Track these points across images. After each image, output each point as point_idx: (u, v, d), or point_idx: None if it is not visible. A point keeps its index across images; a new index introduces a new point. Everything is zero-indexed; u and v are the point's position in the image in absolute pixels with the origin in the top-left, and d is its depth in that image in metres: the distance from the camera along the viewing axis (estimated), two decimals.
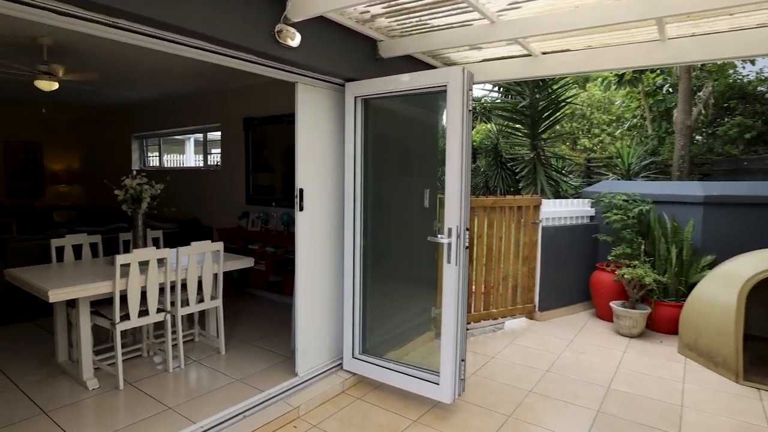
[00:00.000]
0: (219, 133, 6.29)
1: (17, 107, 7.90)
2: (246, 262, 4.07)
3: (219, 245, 3.74)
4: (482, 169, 8.57)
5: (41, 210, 8.97)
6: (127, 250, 4.22)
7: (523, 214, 4.64)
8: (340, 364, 3.60)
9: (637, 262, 4.31)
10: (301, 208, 3.29)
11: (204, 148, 6.76)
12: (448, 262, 2.84)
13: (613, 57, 3.18)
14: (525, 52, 3.55)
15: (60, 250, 3.84)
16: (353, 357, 3.50)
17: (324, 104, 3.43)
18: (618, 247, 4.52)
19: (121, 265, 3.12)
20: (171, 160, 8.09)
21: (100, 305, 3.36)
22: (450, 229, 2.83)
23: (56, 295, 2.86)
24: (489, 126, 10.51)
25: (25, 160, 8.80)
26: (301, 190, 3.28)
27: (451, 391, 2.94)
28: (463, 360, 2.97)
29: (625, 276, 4.23)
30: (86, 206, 8.68)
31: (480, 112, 11.98)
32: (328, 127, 3.48)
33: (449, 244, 2.84)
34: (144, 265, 3.28)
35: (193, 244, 3.56)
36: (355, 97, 3.41)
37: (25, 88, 5.55)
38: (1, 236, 4.74)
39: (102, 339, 3.80)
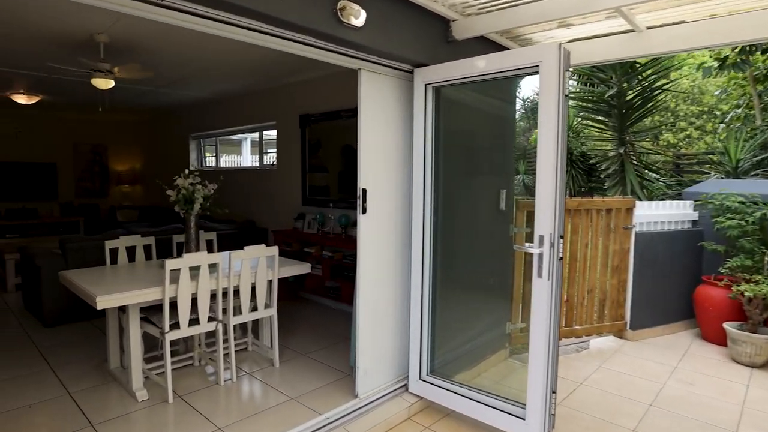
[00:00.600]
0: (275, 131, 6.14)
1: (85, 111, 8.19)
2: (302, 268, 3.82)
3: (274, 250, 3.50)
4: None
5: (106, 209, 9.29)
6: (180, 253, 4.09)
7: (612, 218, 4.09)
8: (405, 386, 3.24)
9: (760, 276, 3.65)
10: (364, 211, 2.97)
11: (260, 147, 6.65)
12: (539, 275, 2.42)
13: (749, 26, 2.61)
14: (626, 27, 3.05)
15: (114, 252, 3.75)
16: (420, 379, 3.14)
17: (390, 94, 3.10)
18: (734, 258, 3.87)
19: (171, 271, 2.93)
20: (228, 161, 8.09)
21: (151, 311, 3.21)
22: (541, 237, 2.40)
23: (104, 302, 2.70)
24: None
25: (92, 161, 9.15)
26: (364, 191, 2.96)
27: (540, 429, 2.51)
28: (554, 392, 2.53)
29: (746, 293, 3.59)
30: (147, 206, 8.88)
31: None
32: (394, 120, 3.14)
33: (540, 255, 2.41)
34: (195, 270, 3.08)
35: (247, 248, 3.34)
36: (426, 85, 3.05)
37: (87, 90, 5.66)
38: (62, 236, 4.78)
39: (154, 345, 3.67)
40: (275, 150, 6.16)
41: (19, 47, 4.19)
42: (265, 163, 6.61)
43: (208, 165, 7.91)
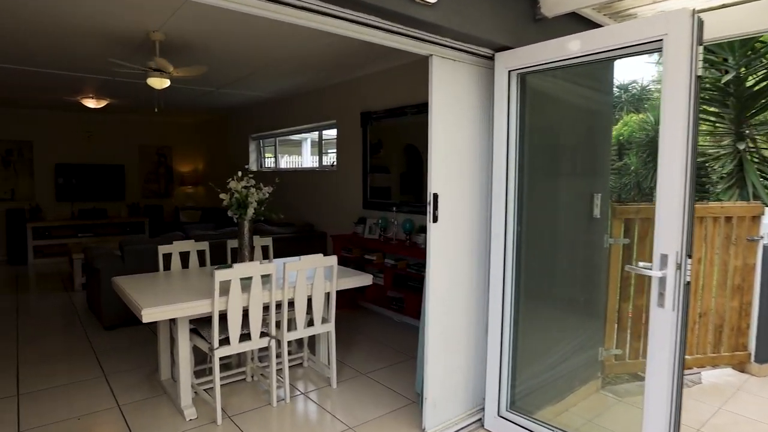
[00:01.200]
0: (335, 131, 5.91)
1: (150, 114, 8.42)
2: (363, 280, 3.51)
3: (332, 260, 3.21)
4: (632, 167, 7.23)
5: (170, 210, 9.52)
6: (234, 259, 3.91)
7: (733, 228, 3.45)
8: (480, 420, 2.84)
9: None
10: (435, 219, 2.59)
11: (319, 147, 6.45)
12: (660, 305, 1.93)
13: None
14: None
15: (168, 257, 3.62)
16: (498, 415, 2.72)
17: (466, 84, 2.71)
18: None
19: (221, 282, 2.70)
20: (288, 162, 8.00)
21: (201, 323, 3.01)
22: (664, 257, 1.92)
23: (150, 314, 2.51)
24: (642, 116, 8.96)
25: (157, 163, 9.40)
26: (435, 196, 2.59)
27: None
28: None
29: None
30: (209, 207, 9.00)
31: (627, 101, 10.36)
32: (470, 115, 2.75)
33: (662, 279, 1.93)
34: (247, 280, 2.85)
35: (303, 258, 3.06)
36: (509, 72, 2.64)
37: (149, 93, 5.72)
38: (122, 239, 4.77)
39: (206, 357, 3.50)
40: (335, 150, 5.93)
41: (78, 49, 4.19)
42: (324, 163, 6.41)
43: (267, 166, 7.85)
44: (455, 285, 2.75)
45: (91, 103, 6.68)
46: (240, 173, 3.27)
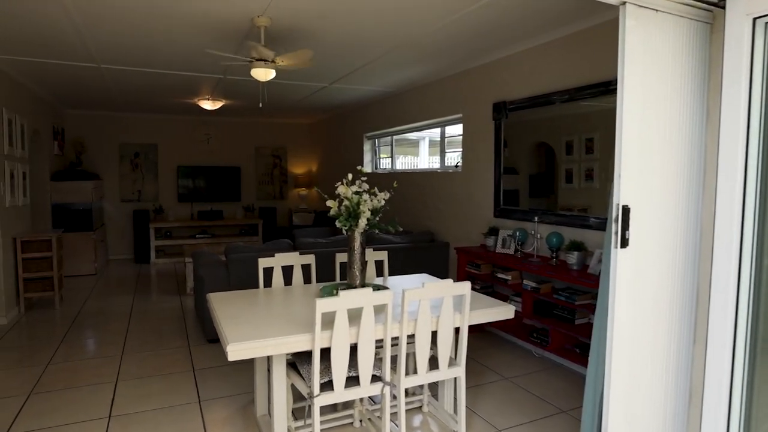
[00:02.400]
0: (459, 126, 5.22)
1: (266, 115, 8.45)
2: (503, 312, 2.76)
3: (464, 287, 2.52)
4: None
5: (284, 212, 9.54)
6: (344, 276, 3.41)
7: None
8: None
9: None
10: (625, 243, 1.79)
11: (441, 144, 5.80)
12: None
13: None
14: None
15: (269, 272, 3.21)
16: None
17: (673, 44, 1.88)
18: None
19: (324, 313, 2.15)
20: (404, 163, 7.48)
21: (301, 358, 2.51)
22: None
23: (236, 352, 2.04)
24: None
25: (272, 165, 9.48)
26: (626, 210, 1.79)
27: None
28: None
29: None
30: (322, 210, 8.81)
31: None
32: (680, 90, 1.90)
33: None
34: (356, 310, 2.27)
35: (428, 284, 2.42)
36: (754, 20, 1.76)
37: (258, 92, 5.54)
38: (228, 245, 4.55)
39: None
40: (460, 149, 5.24)
41: (184, 43, 4.01)
42: (446, 164, 5.74)
43: (382, 167, 7.40)
44: (650, 332, 1.92)
45: (207, 105, 6.75)
46: (350, 176, 2.73)
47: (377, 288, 2.57)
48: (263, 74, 3.60)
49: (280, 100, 7.01)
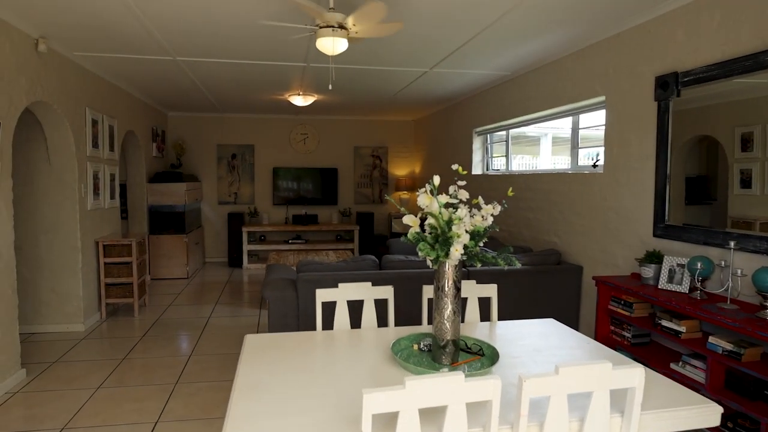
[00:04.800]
0: (601, 113, 3.93)
1: (366, 113, 7.71)
2: (702, 418, 1.56)
3: (631, 376, 1.37)
4: None
5: (383, 218, 8.74)
6: (430, 317, 2.39)
7: None
8: None
9: None
10: None
11: (572, 138, 4.51)
12: None
13: None
14: None
15: (330, 308, 2.30)
16: None
17: None
18: None
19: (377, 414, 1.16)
20: (521, 164, 6.25)
21: None
22: None
23: None
24: None
25: (372, 166, 8.71)
26: None
27: None
28: None
29: None
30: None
31: None
32: None
33: None
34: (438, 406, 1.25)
35: (563, 369, 1.31)
36: None
37: (360, 89, 4.71)
38: (301, 261, 3.74)
39: None
40: (600, 143, 3.95)
41: (240, 14, 3.26)
42: (580, 164, 4.44)
43: (494, 168, 6.23)
44: None
45: (298, 100, 6.13)
46: (437, 179, 1.70)
47: (474, 364, 1.53)
48: (331, 45, 2.71)
49: (377, 92, 6.17)
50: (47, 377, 3.62)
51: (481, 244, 1.77)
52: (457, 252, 1.66)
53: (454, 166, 1.84)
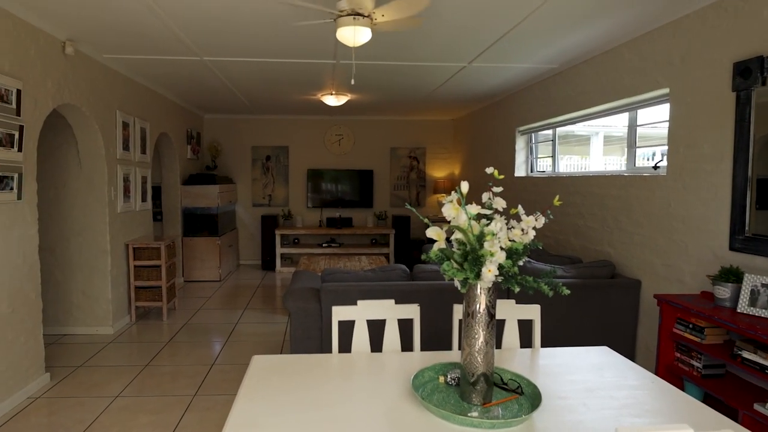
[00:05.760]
0: (664, 107, 3.50)
1: (403, 112, 7.42)
2: None
3: None
4: None
5: (419, 222, 8.42)
6: (461, 342, 2.07)
7: None
8: None
9: None
10: None
11: (629, 137, 4.06)
12: None
13: None
14: None
15: (348, 327, 2.03)
16: None
17: None
18: None
19: None
20: (569, 165, 5.81)
21: None
22: None
23: None
24: None
25: (409, 168, 8.42)
26: None
27: None
28: None
29: None
30: None
31: None
32: None
33: None
34: None
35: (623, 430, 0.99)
36: None
37: (395, 86, 4.44)
38: (325, 270, 3.50)
39: None
40: (662, 142, 3.51)
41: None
42: (637, 165, 4.00)
43: (539, 170, 5.81)
44: None
45: (331, 100, 5.92)
46: (465, 186, 1.40)
47: (510, 406, 1.23)
48: (351, 35, 2.45)
49: (413, 90, 5.87)
50: (70, 382, 3.54)
51: (520, 262, 1.46)
52: (489, 273, 1.35)
53: (489, 170, 1.53)
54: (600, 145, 5.70)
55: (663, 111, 3.52)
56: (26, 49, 3.32)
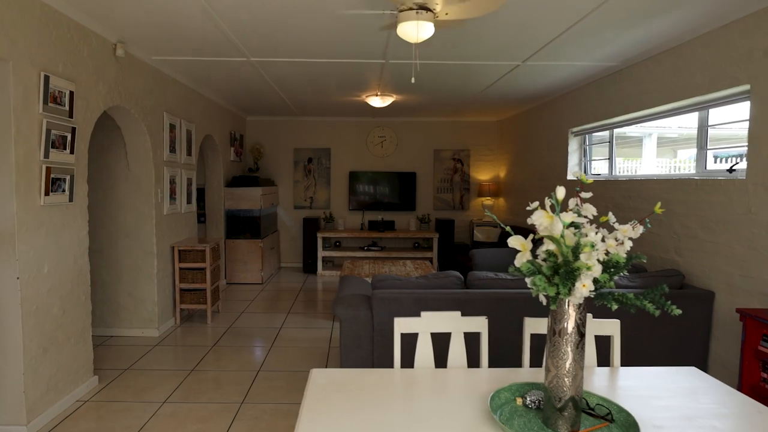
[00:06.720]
0: (743, 105, 3.26)
1: (447, 113, 7.29)
2: None
3: None
4: None
5: (464, 225, 8.27)
6: (537, 357, 1.95)
7: None
8: None
9: None
10: None
11: (699, 138, 3.81)
12: None
13: None
14: None
15: (411, 340, 1.93)
16: None
17: None
18: None
19: None
20: (621, 168, 5.54)
21: None
22: None
23: None
24: None
25: (452, 170, 8.27)
26: None
27: None
28: None
29: None
30: (514, 225, 7.28)
31: None
32: None
33: None
34: None
35: None
36: None
37: (441, 86, 4.33)
38: (375, 277, 3.41)
39: None
40: (741, 143, 3.27)
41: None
42: (708, 168, 3.75)
43: (593, 173, 5.57)
44: None
45: (376, 102, 5.85)
46: (561, 191, 1.28)
47: None
48: (414, 30, 2.35)
49: (460, 90, 5.74)
50: (117, 386, 3.57)
51: (617, 277, 1.32)
52: (584, 288, 1.23)
53: (575, 174, 1.41)
54: (653, 146, 5.42)
55: (739, 109, 3.28)
56: (79, 51, 3.37)
